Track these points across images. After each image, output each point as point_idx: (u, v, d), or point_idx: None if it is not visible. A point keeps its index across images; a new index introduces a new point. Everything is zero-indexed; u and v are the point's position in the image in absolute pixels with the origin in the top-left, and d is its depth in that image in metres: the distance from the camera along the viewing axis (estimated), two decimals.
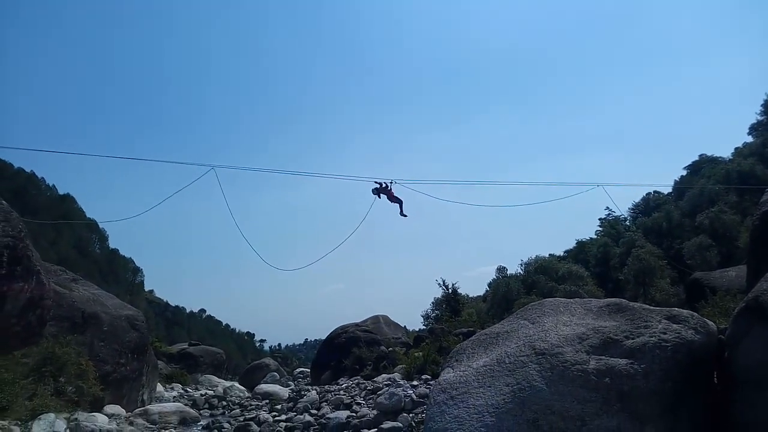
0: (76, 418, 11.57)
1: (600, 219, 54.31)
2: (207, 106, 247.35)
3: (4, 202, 8.50)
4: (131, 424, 13.85)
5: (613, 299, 8.40)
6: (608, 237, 47.31)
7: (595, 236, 52.05)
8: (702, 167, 53.18)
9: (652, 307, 7.89)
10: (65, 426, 10.93)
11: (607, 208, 53.59)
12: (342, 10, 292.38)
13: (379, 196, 15.57)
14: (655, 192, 55.01)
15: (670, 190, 52.48)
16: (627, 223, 53.16)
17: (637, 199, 56.46)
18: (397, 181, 15.58)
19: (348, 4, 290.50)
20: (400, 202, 15.79)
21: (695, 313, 7.69)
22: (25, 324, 9.07)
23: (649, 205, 53.85)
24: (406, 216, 16.11)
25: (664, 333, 6.92)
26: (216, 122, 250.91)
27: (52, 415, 10.85)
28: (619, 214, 52.06)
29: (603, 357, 6.79)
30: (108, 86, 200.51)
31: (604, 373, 6.57)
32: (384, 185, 15.54)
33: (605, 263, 41.89)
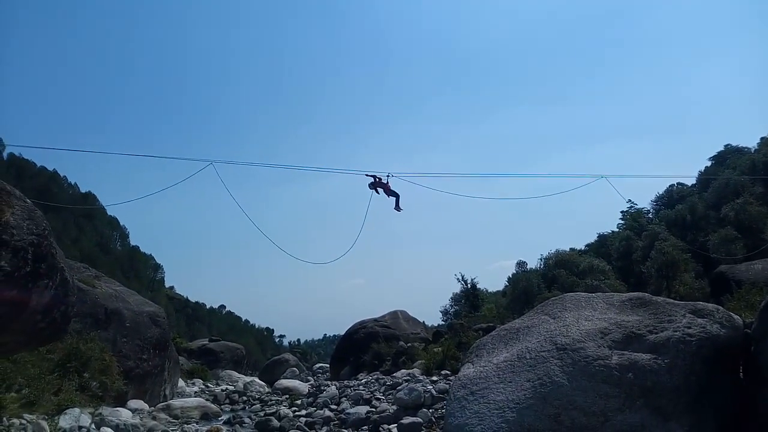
0: (100, 413, 11.77)
1: (622, 212, 53.52)
2: (226, 101, 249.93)
3: (28, 200, 8.62)
4: (154, 418, 14.05)
5: (636, 293, 8.29)
6: (630, 230, 46.56)
7: (617, 229, 51.30)
8: (727, 158, 52.12)
9: (676, 301, 7.77)
10: (90, 420, 11.12)
11: (629, 200, 52.81)
12: (360, 3, 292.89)
13: (377, 191, 15.45)
14: (678, 184, 54.06)
15: (693, 181, 51.56)
16: (650, 215, 52.34)
17: (660, 191, 55.61)
18: (393, 175, 15.45)
19: None
20: (396, 195, 15.65)
21: (720, 307, 7.56)
22: (50, 320, 9.20)
23: (673, 197, 52.91)
24: (401, 210, 15.99)
25: (689, 327, 6.80)
26: (235, 117, 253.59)
27: (77, 410, 11.06)
28: (630, 206, 51.36)
29: (626, 352, 6.69)
30: (127, 82, 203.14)
31: (627, 368, 6.47)
32: (379, 179, 15.41)
33: (627, 257, 41.20)
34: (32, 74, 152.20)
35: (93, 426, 11.00)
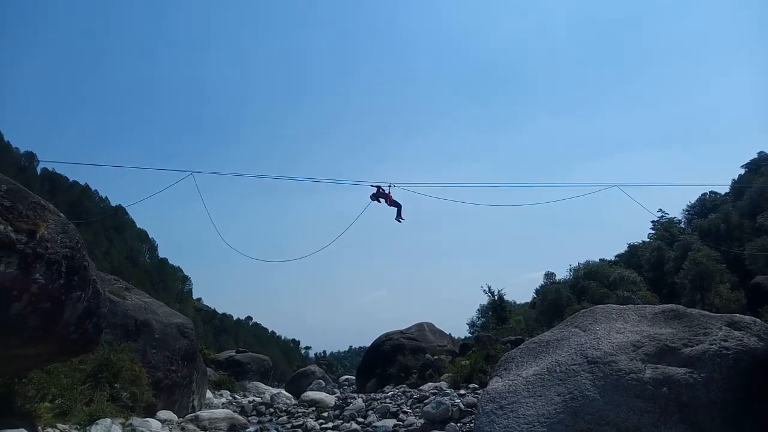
0: (131, 423, 11.91)
1: (652, 222, 52.48)
2: (249, 114, 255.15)
3: (61, 214, 8.83)
4: (183, 429, 14.15)
5: (669, 305, 8.10)
6: (662, 240, 45.59)
7: (648, 239, 50.28)
8: (762, 165, 50.81)
9: (711, 314, 7.57)
10: (121, 430, 11.26)
11: (660, 209, 51.87)
12: (381, 15, 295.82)
13: (378, 201, 15.46)
14: (711, 192, 52.90)
15: (727, 189, 50.38)
16: (681, 225, 51.25)
17: (692, 200, 54.46)
18: (395, 185, 15.46)
19: (387, 9, 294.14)
20: (398, 206, 15.63)
21: (758, 320, 7.36)
22: (82, 332, 9.36)
23: (705, 206, 51.76)
24: (403, 220, 15.95)
25: (725, 340, 6.60)
26: (259, 130, 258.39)
27: (108, 420, 11.20)
28: (660, 215, 50.33)
29: (660, 365, 6.52)
30: (152, 97, 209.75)
31: (662, 382, 6.30)
32: (382, 189, 15.42)
33: (659, 268, 40.25)
34: (63, 92, 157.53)
35: None
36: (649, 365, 6.57)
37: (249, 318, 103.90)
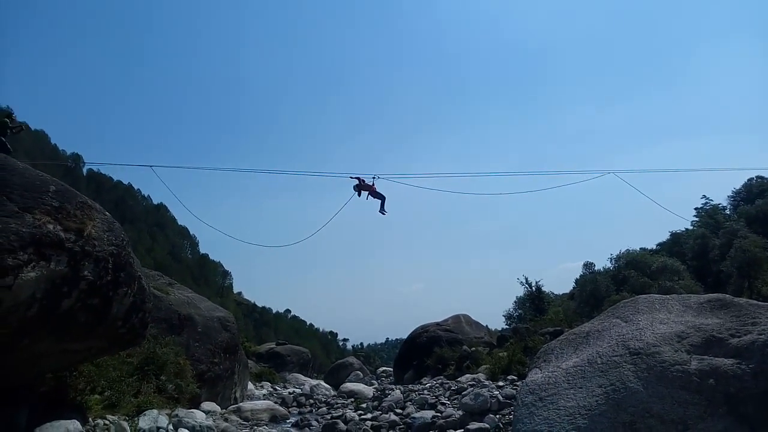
0: (176, 414, 12.29)
1: (696, 209, 50.74)
2: (282, 112, 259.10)
3: (107, 213, 9.14)
4: (226, 420, 14.51)
5: (715, 295, 7.86)
6: (706, 227, 44.06)
7: (691, 227, 48.66)
8: None
9: (759, 303, 7.30)
10: (167, 421, 11.62)
11: (704, 196, 50.23)
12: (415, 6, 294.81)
13: (359, 194, 15.26)
14: (757, 177, 50.77)
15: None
16: (726, 212, 49.42)
17: (738, 186, 52.39)
18: (379, 177, 15.25)
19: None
20: (382, 198, 15.39)
21: None
22: (129, 326, 9.71)
23: (752, 191, 49.73)
24: (386, 213, 15.73)
25: None
26: (290, 127, 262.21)
27: (155, 411, 11.59)
28: (704, 202, 48.62)
29: (706, 357, 6.34)
30: (191, 99, 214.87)
31: (708, 374, 6.14)
32: (364, 181, 15.20)
33: (703, 256, 38.91)
34: (107, 95, 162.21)
35: (171, 427, 11.50)
36: (694, 356, 6.41)
37: (288, 311, 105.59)
